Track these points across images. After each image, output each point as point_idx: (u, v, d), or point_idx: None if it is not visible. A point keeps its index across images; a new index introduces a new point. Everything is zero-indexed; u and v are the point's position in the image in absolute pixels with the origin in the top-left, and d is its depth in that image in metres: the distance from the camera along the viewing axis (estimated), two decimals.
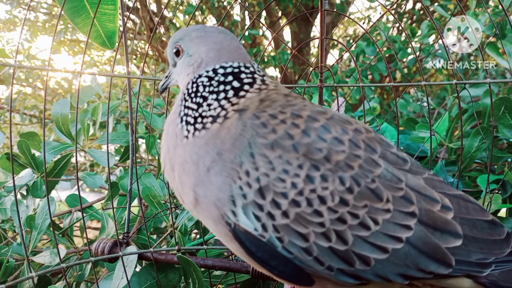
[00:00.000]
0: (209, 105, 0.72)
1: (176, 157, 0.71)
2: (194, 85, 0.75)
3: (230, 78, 0.73)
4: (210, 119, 0.70)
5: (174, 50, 0.81)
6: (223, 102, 0.71)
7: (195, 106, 0.73)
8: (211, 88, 0.73)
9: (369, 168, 0.65)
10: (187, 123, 0.72)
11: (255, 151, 0.63)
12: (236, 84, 0.73)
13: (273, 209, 0.62)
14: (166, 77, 0.87)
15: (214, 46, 0.77)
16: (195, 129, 0.70)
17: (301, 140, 0.64)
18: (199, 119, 0.71)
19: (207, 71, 0.75)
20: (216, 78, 0.74)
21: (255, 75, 0.76)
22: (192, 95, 0.74)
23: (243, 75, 0.74)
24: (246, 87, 0.74)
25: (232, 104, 0.71)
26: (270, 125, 0.65)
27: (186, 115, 0.73)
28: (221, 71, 0.74)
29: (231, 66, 0.75)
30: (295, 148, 0.63)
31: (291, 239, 0.62)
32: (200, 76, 0.75)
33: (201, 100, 0.73)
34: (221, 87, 0.73)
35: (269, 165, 0.62)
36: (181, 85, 0.80)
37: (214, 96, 0.72)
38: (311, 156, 0.63)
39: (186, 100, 0.75)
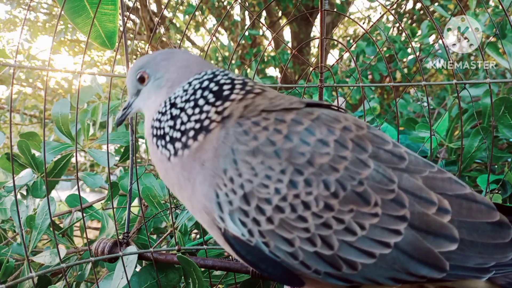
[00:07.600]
0: (189, 115, 0.70)
1: (171, 178, 0.72)
2: (168, 103, 0.73)
3: (206, 83, 0.73)
4: (191, 132, 0.68)
5: (138, 77, 0.79)
6: (206, 107, 0.70)
7: (171, 123, 0.71)
8: (188, 97, 0.72)
9: (356, 169, 0.62)
10: (166, 143, 0.71)
11: (238, 157, 0.63)
12: (214, 87, 0.72)
13: (258, 215, 0.62)
14: (125, 108, 0.84)
15: (183, 63, 0.77)
16: (175, 148, 0.69)
17: (283, 145, 0.63)
18: (178, 135, 0.69)
19: (182, 86, 0.74)
20: (192, 87, 0.72)
21: (235, 80, 0.74)
22: (168, 112, 0.72)
23: (219, 77, 0.74)
24: (226, 89, 0.72)
25: (217, 109, 0.69)
26: (252, 133, 0.64)
27: (162, 136, 0.72)
28: (195, 81, 0.73)
29: (205, 73, 0.74)
30: (277, 154, 0.62)
31: (277, 244, 0.62)
32: (174, 93, 0.74)
33: (178, 112, 0.71)
34: (199, 93, 0.71)
35: (252, 171, 0.62)
36: (150, 111, 0.78)
37: (192, 103, 0.71)
38: (293, 161, 0.62)
39: (160, 121, 0.73)
